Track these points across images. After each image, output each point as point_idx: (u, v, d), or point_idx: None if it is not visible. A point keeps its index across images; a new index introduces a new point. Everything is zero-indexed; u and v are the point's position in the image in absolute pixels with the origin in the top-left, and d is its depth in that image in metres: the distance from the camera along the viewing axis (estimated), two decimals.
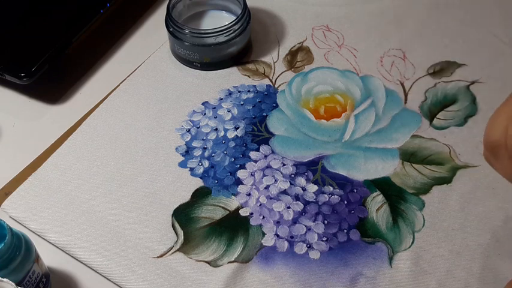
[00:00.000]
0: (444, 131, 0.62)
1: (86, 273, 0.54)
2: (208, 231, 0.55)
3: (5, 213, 0.57)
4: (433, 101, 0.64)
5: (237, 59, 0.68)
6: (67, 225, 0.56)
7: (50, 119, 0.65)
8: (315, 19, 0.73)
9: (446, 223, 0.56)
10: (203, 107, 0.64)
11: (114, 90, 0.66)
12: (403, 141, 0.61)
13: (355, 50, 0.69)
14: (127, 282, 0.52)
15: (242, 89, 0.66)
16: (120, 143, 0.62)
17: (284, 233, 0.55)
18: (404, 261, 0.53)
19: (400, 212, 0.56)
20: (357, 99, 0.65)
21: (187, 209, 0.57)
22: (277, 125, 0.63)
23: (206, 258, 0.54)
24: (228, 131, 0.62)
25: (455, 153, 0.60)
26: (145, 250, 0.54)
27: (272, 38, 0.71)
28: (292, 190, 0.58)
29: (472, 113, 0.63)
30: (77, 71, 0.69)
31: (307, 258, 0.54)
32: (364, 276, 0.53)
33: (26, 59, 0.64)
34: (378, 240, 0.55)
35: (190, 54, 0.66)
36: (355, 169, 0.59)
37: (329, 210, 0.56)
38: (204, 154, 0.61)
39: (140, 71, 0.68)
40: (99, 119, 0.64)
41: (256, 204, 0.57)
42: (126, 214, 0.56)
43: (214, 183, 0.58)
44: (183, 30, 0.65)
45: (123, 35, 0.72)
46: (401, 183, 0.58)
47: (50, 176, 0.59)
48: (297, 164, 0.60)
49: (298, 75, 0.67)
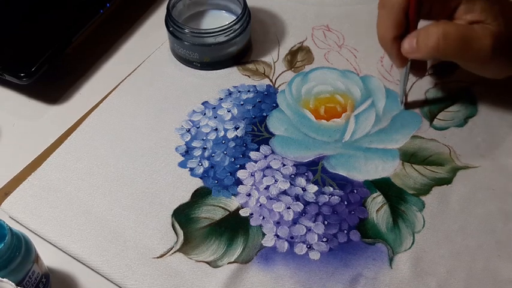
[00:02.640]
0: (444, 131, 0.62)
1: (86, 273, 0.54)
2: (208, 232, 0.55)
3: (4, 213, 0.57)
4: (433, 101, 0.64)
5: (237, 59, 0.68)
6: (67, 225, 0.55)
7: (49, 119, 0.65)
8: (315, 19, 0.73)
9: (446, 224, 0.56)
10: (203, 107, 0.64)
11: (114, 90, 0.66)
12: (403, 141, 0.61)
13: (355, 50, 0.69)
14: (127, 283, 0.52)
15: (242, 89, 0.66)
16: (120, 143, 0.62)
17: (284, 234, 0.55)
18: (405, 262, 0.53)
19: (400, 212, 0.56)
20: (357, 100, 0.65)
21: (187, 209, 0.57)
22: (277, 125, 0.63)
23: (206, 258, 0.54)
24: (228, 131, 0.62)
25: (455, 154, 0.60)
26: (145, 250, 0.54)
27: (272, 38, 0.71)
28: (292, 190, 0.58)
29: (472, 114, 0.63)
30: (76, 71, 0.69)
31: (307, 259, 0.54)
32: (364, 277, 0.53)
33: (25, 59, 0.64)
34: (378, 241, 0.55)
35: (190, 54, 0.66)
36: (355, 169, 0.59)
37: (329, 210, 0.56)
38: (204, 154, 0.61)
39: (140, 71, 0.68)
40: (98, 119, 0.63)
41: (256, 204, 0.57)
42: (126, 214, 0.56)
43: (214, 183, 0.58)
44: (183, 30, 0.64)
45: (123, 35, 0.72)
46: (402, 184, 0.58)
47: (49, 175, 0.59)
48: (297, 165, 0.60)
49: (298, 75, 0.67)
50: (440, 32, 0.54)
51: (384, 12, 0.57)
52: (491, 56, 0.55)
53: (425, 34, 0.55)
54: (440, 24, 0.55)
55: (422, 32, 0.55)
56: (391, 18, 0.56)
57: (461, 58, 0.56)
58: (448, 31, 0.54)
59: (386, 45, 0.58)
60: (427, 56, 0.56)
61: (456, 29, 0.55)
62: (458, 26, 0.55)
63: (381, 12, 0.57)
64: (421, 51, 0.55)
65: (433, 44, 0.54)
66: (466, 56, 0.55)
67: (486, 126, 0.62)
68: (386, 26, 0.57)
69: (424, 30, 0.55)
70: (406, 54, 0.57)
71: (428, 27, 0.55)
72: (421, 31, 0.56)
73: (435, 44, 0.54)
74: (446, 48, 0.54)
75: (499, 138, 0.61)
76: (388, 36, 0.57)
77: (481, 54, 0.55)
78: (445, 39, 0.54)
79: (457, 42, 0.54)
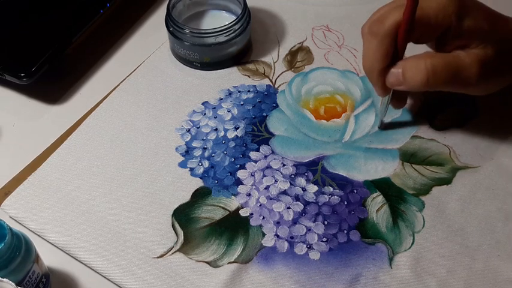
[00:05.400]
0: (444, 131, 0.62)
1: (86, 273, 0.54)
2: (208, 232, 0.55)
3: (5, 213, 0.57)
4: (433, 101, 0.64)
5: (237, 59, 0.68)
6: (67, 225, 0.55)
7: (49, 119, 0.65)
8: (315, 19, 0.73)
9: (446, 224, 0.56)
10: (203, 107, 0.64)
11: (114, 90, 0.66)
12: (403, 141, 0.61)
13: (355, 50, 0.69)
14: (127, 282, 0.52)
15: (242, 89, 0.66)
16: (120, 143, 0.62)
17: (284, 234, 0.55)
18: (404, 262, 0.53)
19: (400, 212, 0.56)
20: (357, 100, 0.65)
21: (187, 209, 0.57)
22: (277, 125, 0.63)
23: (206, 258, 0.54)
24: (228, 131, 0.62)
25: (455, 154, 0.60)
26: (145, 250, 0.54)
27: (272, 38, 0.71)
28: (292, 190, 0.58)
29: (472, 114, 0.63)
30: (76, 71, 0.69)
31: (307, 259, 0.54)
32: (364, 277, 0.53)
33: (25, 59, 0.64)
34: (378, 241, 0.55)
35: (190, 54, 0.66)
36: (355, 169, 0.59)
37: (329, 210, 0.56)
38: (204, 154, 0.61)
39: (140, 71, 0.68)
40: (99, 119, 0.63)
41: (256, 204, 0.57)
42: (126, 214, 0.56)
43: (214, 183, 0.58)
44: (183, 30, 0.65)
45: (123, 35, 0.72)
46: (402, 184, 0.58)
47: (49, 175, 0.59)
48: (297, 165, 0.60)
49: (298, 75, 0.67)
50: (429, 67, 0.53)
51: (374, 42, 0.54)
52: (479, 82, 0.54)
53: (412, 69, 0.54)
54: (428, 59, 0.53)
55: (409, 66, 0.54)
56: (383, 48, 0.54)
57: (449, 88, 0.55)
58: (436, 65, 0.53)
59: (373, 77, 0.56)
60: (413, 89, 0.55)
61: (443, 61, 0.54)
62: (444, 59, 0.54)
63: (370, 41, 0.55)
64: (408, 85, 0.54)
65: (421, 79, 0.53)
66: (454, 85, 0.55)
67: (486, 126, 0.62)
68: (377, 57, 0.55)
69: (411, 64, 0.54)
70: (391, 86, 0.56)
71: (415, 61, 0.54)
72: (407, 64, 0.54)
73: (424, 79, 0.53)
74: (435, 81, 0.53)
75: (499, 139, 0.61)
76: (377, 68, 0.55)
77: (468, 82, 0.54)
78: (433, 74, 0.53)
79: (445, 75, 0.53)
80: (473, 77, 0.54)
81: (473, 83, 0.54)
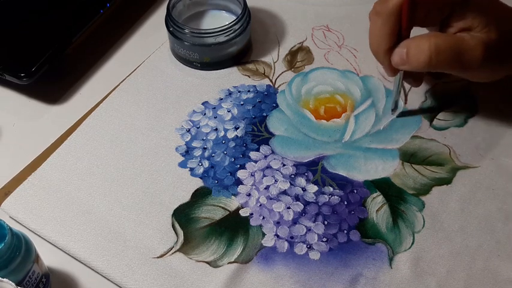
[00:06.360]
0: (444, 131, 0.62)
1: (86, 273, 0.54)
2: (208, 232, 0.55)
3: (5, 213, 0.57)
4: (433, 101, 0.64)
5: (237, 59, 0.68)
6: (67, 225, 0.55)
7: (49, 119, 0.65)
8: (315, 19, 0.73)
9: (446, 224, 0.56)
10: (203, 107, 0.64)
11: (114, 90, 0.66)
12: (403, 141, 0.61)
13: (355, 50, 0.69)
14: (127, 282, 0.52)
15: (242, 89, 0.66)
16: (120, 143, 0.62)
17: (284, 234, 0.55)
18: (404, 262, 0.53)
19: (400, 212, 0.56)
20: (357, 100, 0.65)
21: (187, 209, 0.57)
22: (277, 125, 0.63)
23: (206, 258, 0.54)
24: (228, 131, 0.62)
25: (455, 154, 0.60)
26: (145, 250, 0.54)
27: (272, 38, 0.71)
28: (292, 190, 0.58)
29: (472, 114, 0.63)
30: (76, 71, 0.69)
31: (307, 259, 0.54)
32: (364, 277, 0.53)
33: (25, 59, 0.64)
34: (378, 241, 0.55)
35: (190, 54, 0.66)
36: (355, 169, 0.59)
37: (329, 210, 0.56)
38: (204, 154, 0.61)
39: (140, 71, 0.68)
40: (99, 119, 0.63)
41: (256, 204, 0.57)
42: (126, 214, 0.56)
43: (214, 183, 0.58)
44: (183, 30, 0.64)
45: (123, 35, 0.72)
46: (401, 184, 0.58)
47: (49, 175, 0.59)
48: (297, 165, 0.60)
49: (298, 75, 0.67)
50: (432, 47, 0.53)
51: (379, 21, 0.55)
52: (482, 65, 0.55)
53: (416, 48, 0.54)
54: (432, 38, 0.54)
55: (413, 45, 0.54)
56: (387, 27, 0.55)
57: (452, 69, 0.56)
58: (440, 45, 0.53)
59: (379, 56, 0.57)
60: (416, 69, 0.55)
61: (447, 42, 0.54)
62: (449, 39, 0.54)
63: (375, 21, 0.56)
64: (411, 65, 0.55)
65: (424, 58, 0.54)
66: (457, 67, 0.55)
67: (486, 126, 0.62)
68: (382, 36, 0.55)
69: (415, 43, 0.54)
70: (396, 65, 0.56)
71: (419, 41, 0.54)
72: (412, 44, 0.55)
73: (427, 59, 0.53)
74: (437, 62, 0.54)
75: (499, 138, 0.61)
76: (383, 47, 0.56)
77: (471, 64, 0.54)
78: (436, 54, 0.53)
79: (448, 55, 0.54)
80: (476, 60, 0.54)
81: (477, 66, 0.54)
